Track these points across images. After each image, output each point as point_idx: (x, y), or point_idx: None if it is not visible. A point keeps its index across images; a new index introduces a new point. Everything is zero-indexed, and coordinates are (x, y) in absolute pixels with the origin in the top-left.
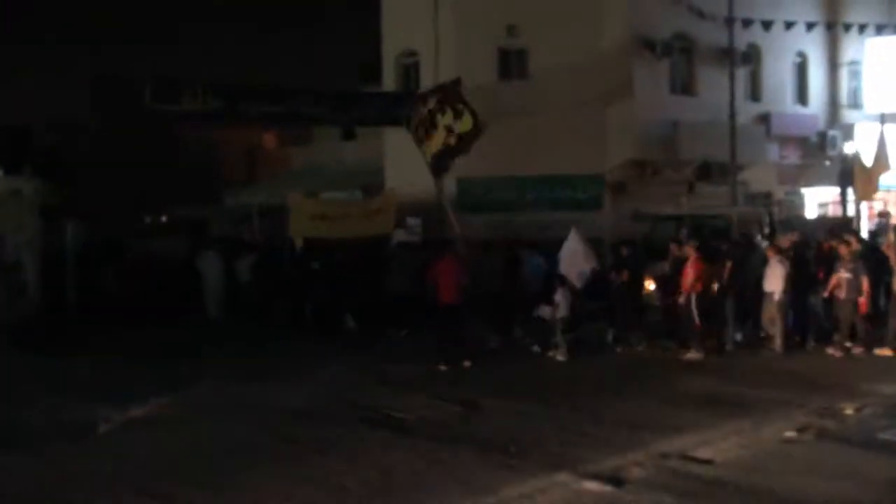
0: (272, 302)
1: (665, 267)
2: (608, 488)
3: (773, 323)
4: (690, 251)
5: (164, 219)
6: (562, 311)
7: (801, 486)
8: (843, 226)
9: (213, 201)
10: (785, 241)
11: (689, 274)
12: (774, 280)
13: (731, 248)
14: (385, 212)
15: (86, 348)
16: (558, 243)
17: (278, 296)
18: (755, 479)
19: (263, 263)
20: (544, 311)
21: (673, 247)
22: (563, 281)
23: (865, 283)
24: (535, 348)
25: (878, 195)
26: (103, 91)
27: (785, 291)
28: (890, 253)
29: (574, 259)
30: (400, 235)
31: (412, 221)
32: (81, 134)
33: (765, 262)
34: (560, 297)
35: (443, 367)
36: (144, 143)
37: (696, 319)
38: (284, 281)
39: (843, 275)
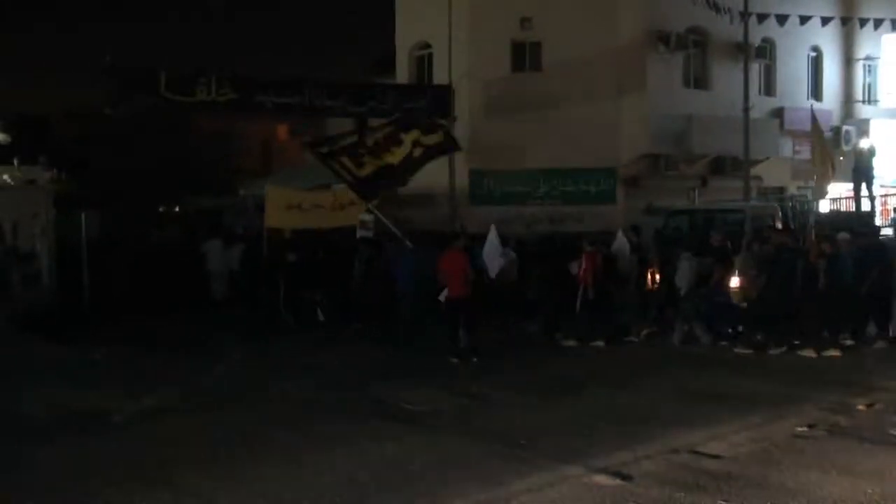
0: (256, 291)
1: (575, 265)
2: (617, 482)
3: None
4: (586, 247)
5: (177, 209)
6: None
7: (812, 481)
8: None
9: (227, 192)
10: (714, 240)
11: (581, 268)
12: (680, 276)
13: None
14: (355, 204)
15: (99, 337)
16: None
17: (260, 285)
18: (766, 474)
19: (251, 254)
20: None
21: (587, 245)
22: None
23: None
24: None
25: (891, 190)
26: (119, 81)
27: (690, 288)
28: (813, 250)
29: (493, 252)
30: (360, 231)
31: (366, 217)
32: (98, 124)
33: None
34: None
35: (454, 360)
36: (160, 133)
37: (577, 308)
38: (265, 271)
39: (749, 272)
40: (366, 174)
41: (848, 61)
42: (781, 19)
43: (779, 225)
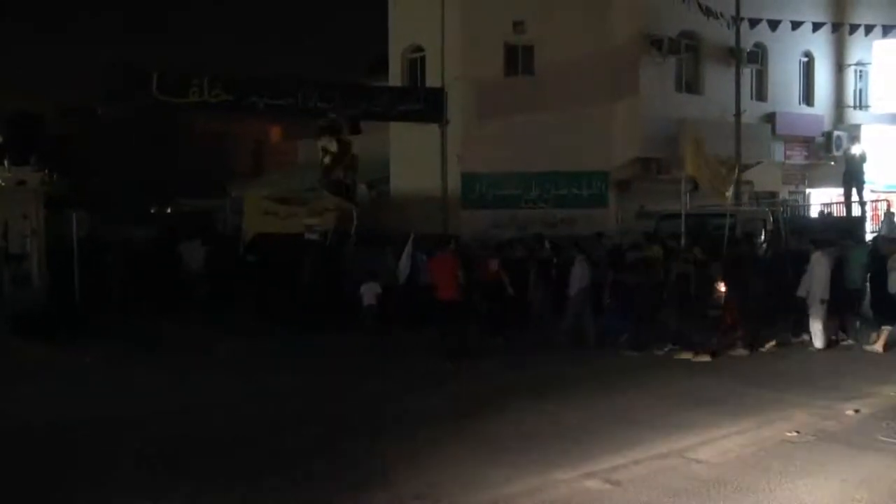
0: (228, 291)
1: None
2: (607, 486)
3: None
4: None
5: (168, 210)
6: (366, 301)
7: (801, 487)
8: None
9: (220, 193)
10: (606, 244)
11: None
12: (573, 281)
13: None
14: (330, 210)
15: (90, 338)
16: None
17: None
18: (755, 480)
19: (218, 254)
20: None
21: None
22: (374, 276)
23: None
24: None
25: (882, 196)
26: (114, 80)
27: (581, 291)
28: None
29: (408, 258)
30: (311, 235)
31: (309, 221)
32: (91, 123)
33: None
34: (364, 289)
35: (446, 363)
36: (154, 134)
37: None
38: (232, 272)
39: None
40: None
41: (839, 67)
42: (773, 24)
43: (770, 229)
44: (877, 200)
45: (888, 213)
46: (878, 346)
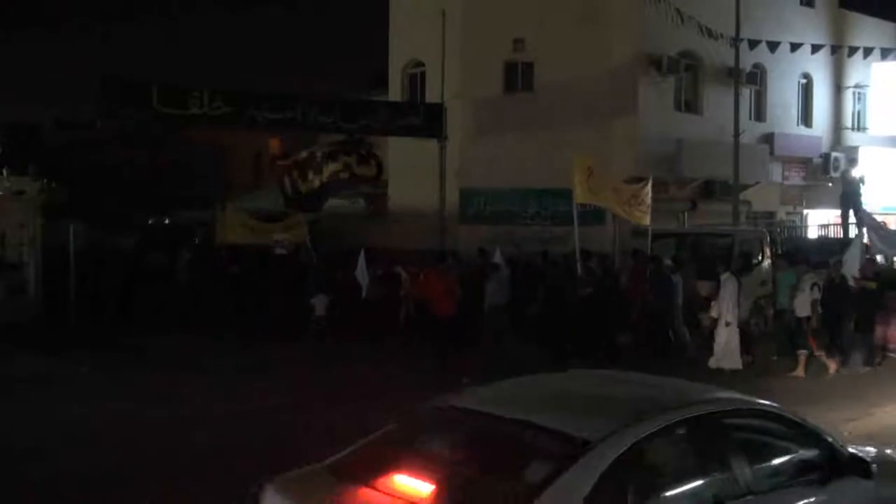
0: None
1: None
2: None
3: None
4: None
5: (166, 221)
6: (318, 311)
7: None
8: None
9: (217, 205)
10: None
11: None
12: (487, 298)
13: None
14: (300, 224)
15: (86, 348)
16: None
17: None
18: None
19: (198, 265)
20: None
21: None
22: (320, 287)
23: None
24: None
25: (881, 218)
26: (112, 92)
27: (493, 308)
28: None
29: (361, 274)
30: (280, 250)
31: (279, 236)
32: (90, 134)
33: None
34: (316, 300)
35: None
36: (153, 144)
37: None
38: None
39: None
40: (307, 190)
41: (838, 88)
42: (772, 46)
43: (766, 250)
44: None
45: (858, 235)
46: (800, 371)
